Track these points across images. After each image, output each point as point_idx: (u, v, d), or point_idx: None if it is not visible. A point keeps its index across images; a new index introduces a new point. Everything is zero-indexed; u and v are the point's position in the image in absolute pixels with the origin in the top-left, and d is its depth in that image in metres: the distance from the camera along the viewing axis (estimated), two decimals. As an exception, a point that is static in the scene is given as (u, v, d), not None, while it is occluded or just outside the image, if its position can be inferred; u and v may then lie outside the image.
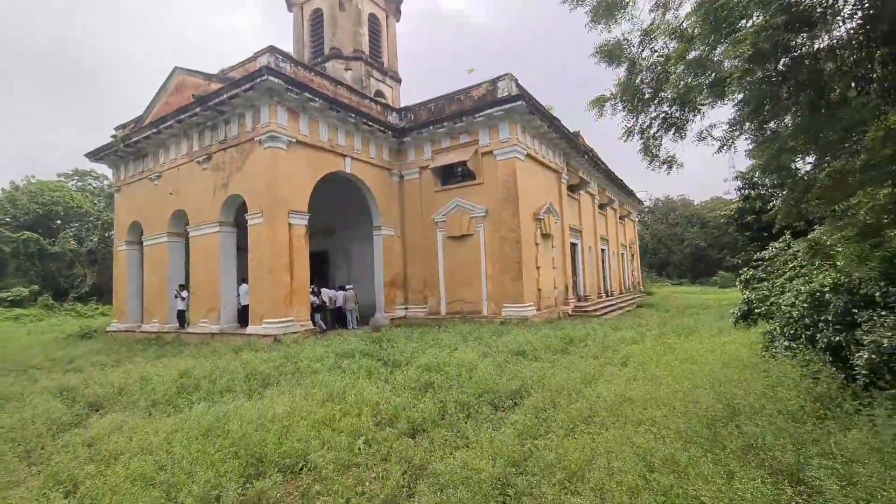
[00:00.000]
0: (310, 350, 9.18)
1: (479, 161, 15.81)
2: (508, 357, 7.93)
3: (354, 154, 15.50)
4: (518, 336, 9.97)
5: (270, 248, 12.48)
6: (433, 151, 16.85)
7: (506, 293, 14.96)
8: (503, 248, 15.11)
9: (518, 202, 14.99)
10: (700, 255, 48.00)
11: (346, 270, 19.83)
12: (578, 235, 21.30)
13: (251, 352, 9.56)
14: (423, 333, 11.50)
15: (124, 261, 17.50)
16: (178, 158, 15.33)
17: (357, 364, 7.64)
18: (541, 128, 16.41)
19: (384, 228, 16.65)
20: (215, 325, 13.71)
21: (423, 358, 7.66)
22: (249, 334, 12.52)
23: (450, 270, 16.26)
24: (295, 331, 12.41)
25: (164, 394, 6.11)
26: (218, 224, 13.91)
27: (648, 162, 6.01)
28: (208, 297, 14.00)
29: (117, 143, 16.51)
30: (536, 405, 5.08)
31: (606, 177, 25.47)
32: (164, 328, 15.33)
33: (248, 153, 13.25)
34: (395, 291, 16.78)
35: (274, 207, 12.58)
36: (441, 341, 9.78)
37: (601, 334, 10.47)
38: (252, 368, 7.41)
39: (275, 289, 12.38)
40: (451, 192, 16.41)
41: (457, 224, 16.03)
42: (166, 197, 15.64)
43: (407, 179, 17.46)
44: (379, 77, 21.81)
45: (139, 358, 10.18)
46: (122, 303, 17.46)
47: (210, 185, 14.20)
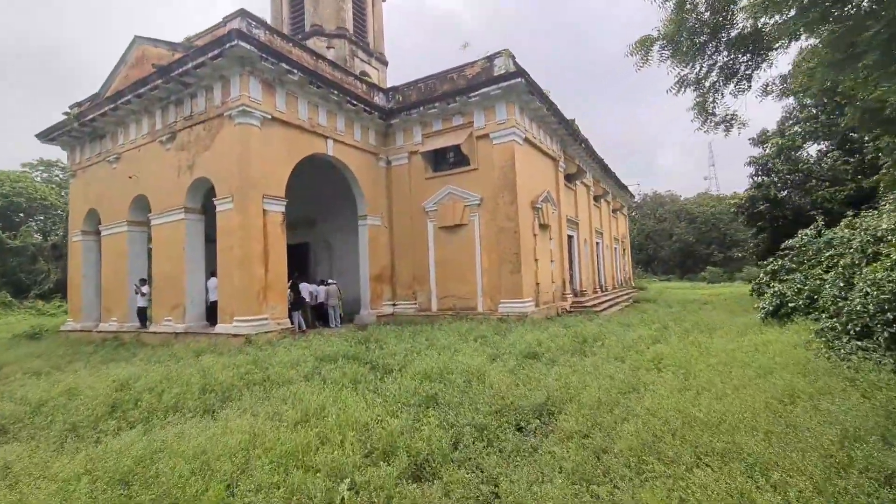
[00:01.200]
0: (285, 353, 7.86)
1: (474, 145, 14.58)
2: (520, 360, 6.75)
3: (337, 136, 14.11)
4: (524, 335, 8.81)
5: (242, 237, 11.05)
6: (423, 135, 15.55)
7: (503, 288, 13.80)
8: (500, 239, 13.94)
9: (516, 189, 13.82)
10: (688, 251, 47.73)
11: (329, 264, 18.39)
12: (575, 227, 20.30)
13: (215, 355, 8.18)
14: (416, 332, 10.26)
15: (80, 253, 15.78)
16: (139, 138, 13.71)
17: (340, 371, 6.36)
18: (539, 110, 15.26)
19: (370, 218, 15.32)
20: (180, 323, 12.21)
21: (419, 362, 6.43)
22: (218, 334, 11.09)
23: (441, 263, 15.02)
24: (269, 330, 11.02)
25: (89, 414, 4.74)
26: (183, 210, 12.39)
27: (703, 122, 4.88)
28: (172, 292, 12.48)
29: (70, 121, 14.78)
30: (575, 428, 3.90)
31: (601, 168, 24.53)
32: (124, 327, 13.73)
33: (216, 130, 11.77)
34: (381, 286, 15.47)
35: (246, 191, 11.15)
36: (437, 342, 8.55)
37: (614, 332, 9.38)
38: (211, 377, 6.07)
39: (247, 283, 10.97)
40: (444, 179, 15.15)
41: (449, 213, 14.79)
42: (126, 181, 14.01)
43: (395, 165, 16.13)
44: (364, 58, 20.38)
45: (82, 363, 8.69)
46: (77, 299, 15.75)
47: (174, 166, 12.65)
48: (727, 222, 44.92)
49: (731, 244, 44.59)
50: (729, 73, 4.62)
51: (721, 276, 41.33)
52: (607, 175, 26.32)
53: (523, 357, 7.03)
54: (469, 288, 14.46)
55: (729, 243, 44.78)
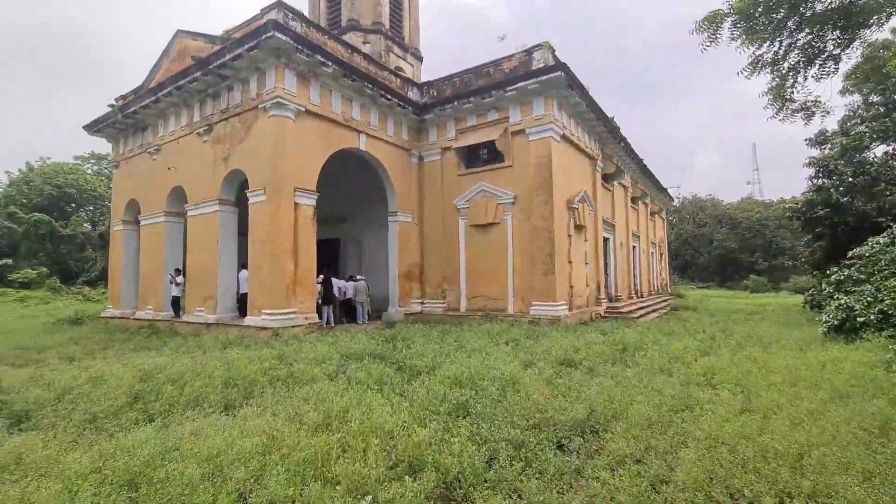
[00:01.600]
0: (311, 348, 7.66)
1: (509, 141, 14.12)
2: (556, 368, 6.29)
3: (370, 130, 13.94)
4: (559, 340, 8.31)
5: (272, 230, 11.01)
6: (457, 130, 15.20)
7: (535, 289, 13.28)
8: (533, 239, 13.43)
9: (552, 188, 13.28)
10: (729, 258, 45.47)
11: (358, 260, 18.33)
12: (611, 230, 19.49)
13: (241, 348, 8.08)
14: (444, 333, 9.92)
15: (121, 242, 16.26)
16: (178, 130, 13.95)
17: (366, 370, 6.08)
18: (578, 106, 14.64)
19: (400, 215, 15.09)
20: (211, 314, 12.32)
21: (449, 366, 6.07)
22: (247, 326, 11.09)
23: (472, 262, 14.64)
24: (297, 324, 10.93)
25: (110, 405, 4.63)
26: (217, 202, 12.49)
27: (778, 109, 4.29)
28: (205, 283, 12.62)
29: (114, 113, 15.22)
30: (625, 450, 3.45)
31: (640, 169, 23.53)
32: (159, 316, 14.02)
33: (251, 123, 11.78)
34: (410, 284, 15.22)
35: (278, 184, 11.10)
36: (467, 343, 8.17)
37: (656, 341, 8.75)
38: (235, 371, 5.91)
39: (276, 277, 10.92)
40: (476, 176, 14.75)
41: (481, 211, 14.38)
42: (164, 172, 14.30)
43: (427, 161, 15.85)
44: (399, 53, 20.21)
45: (114, 350, 8.79)
46: (117, 287, 16.24)
47: (210, 159, 12.79)
48: (773, 229, 42.56)
49: (777, 252, 42.21)
50: (812, 53, 4.05)
51: (765, 286, 39.17)
52: (646, 176, 25.25)
53: (559, 364, 6.56)
54: (500, 289, 14.01)
55: (774, 251, 42.40)
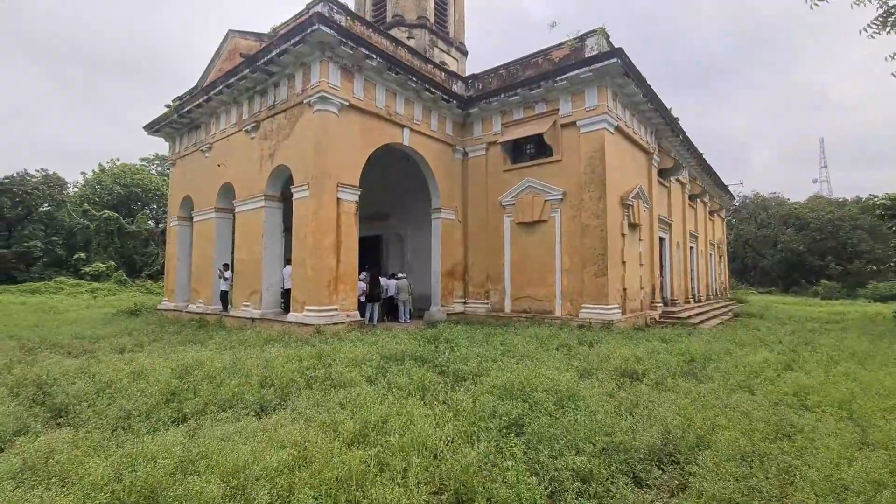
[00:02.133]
0: (350, 347, 7.38)
1: (558, 134, 13.38)
2: (617, 380, 5.64)
3: (414, 125, 13.63)
4: (616, 347, 7.59)
5: (315, 226, 10.90)
6: (503, 124, 14.61)
7: (585, 291, 12.49)
8: (584, 238, 12.63)
9: (605, 183, 12.42)
10: (795, 262, 41.87)
11: (400, 258, 18.13)
12: (667, 229, 18.22)
13: (282, 345, 7.93)
14: (489, 335, 9.40)
15: (175, 237, 16.89)
16: (228, 128, 14.23)
17: (407, 374, 5.69)
18: (634, 96, 13.66)
19: (444, 211, 14.70)
20: (257, 309, 12.44)
21: (497, 373, 5.56)
22: (289, 322, 11.06)
23: (518, 262, 14.01)
24: (339, 321, 10.77)
25: (146, 401, 4.48)
26: (263, 198, 12.59)
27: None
28: (251, 278, 12.76)
29: (171, 113, 15.79)
30: (720, 492, 2.81)
31: (699, 164, 21.90)
32: (208, 310, 14.38)
33: (296, 119, 11.76)
34: (453, 283, 14.80)
35: (321, 179, 10.98)
36: (514, 348, 7.61)
37: (727, 352, 7.83)
38: (272, 370, 5.68)
39: (318, 273, 10.80)
40: (523, 171, 14.11)
41: (528, 208, 13.73)
42: (215, 169, 14.65)
43: (472, 157, 15.36)
44: (444, 48, 19.83)
45: (163, 343, 8.91)
46: (171, 281, 16.88)
47: (257, 155, 12.92)
48: (848, 230, 38.77)
49: (853, 255, 38.43)
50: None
51: (838, 292, 35.72)
52: (705, 172, 23.53)
53: (620, 376, 5.89)
54: (547, 289, 13.31)
55: (850, 254, 38.63)
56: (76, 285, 34.38)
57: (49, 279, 35.80)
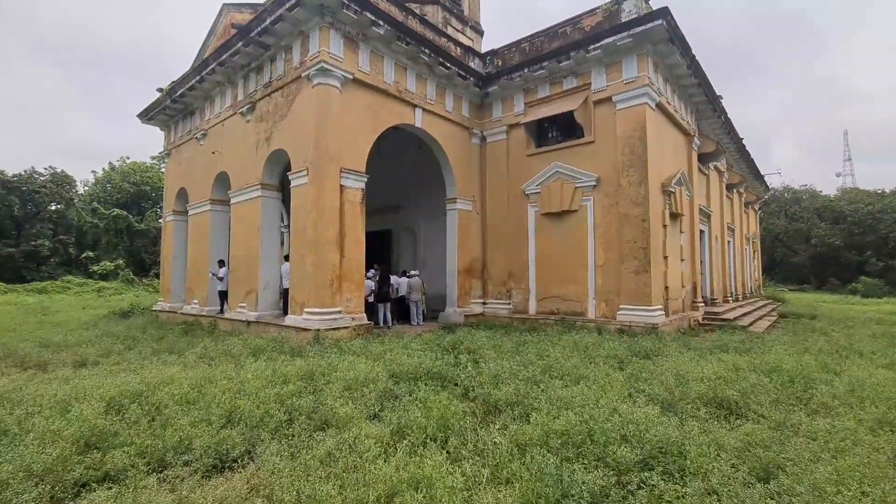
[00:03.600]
0: (351, 362, 5.96)
1: (591, 112, 11.79)
2: (707, 410, 4.12)
3: (427, 104, 12.17)
4: (682, 361, 6.04)
5: (315, 216, 9.52)
6: (526, 104, 13.06)
7: (624, 290, 10.92)
8: (622, 229, 11.05)
9: (647, 166, 10.83)
10: (829, 257, 39.44)
11: (412, 254, 16.70)
12: (706, 221, 16.49)
13: (271, 357, 6.54)
14: (518, 343, 7.91)
15: (171, 233, 15.71)
16: (223, 112, 12.94)
17: (421, 402, 4.25)
18: (677, 67, 12.00)
19: (460, 202, 13.22)
20: (252, 311, 11.13)
21: (544, 403, 4.08)
22: (287, 326, 9.72)
23: (543, 257, 12.48)
24: (342, 325, 9.39)
25: (54, 452, 3.10)
26: (259, 187, 11.26)
27: None
28: (247, 277, 11.46)
29: (163, 98, 14.57)
30: None
31: (738, 150, 20.02)
32: (203, 311, 13.14)
33: (294, 96, 10.39)
34: (471, 281, 13.33)
35: (321, 163, 9.59)
36: (556, 363, 6.10)
37: (824, 367, 6.22)
38: (246, 398, 4.28)
39: (318, 270, 9.43)
40: (550, 156, 12.55)
41: (556, 197, 12.18)
42: (210, 158, 13.39)
43: (490, 142, 13.84)
44: (458, 26, 18.28)
45: (137, 351, 7.61)
46: (167, 279, 15.70)
47: (253, 139, 11.59)
48: (890, 223, 36.30)
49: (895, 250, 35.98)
50: None
51: (880, 290, 33.39)
52: (743, 160, 21.62)
53: (710, 406, 4.36)
54: (578, 288, 11.76)
55: (892, 249, 36.17)
56: (83, 284, 33.74)
57: (57, 279, 35.27)
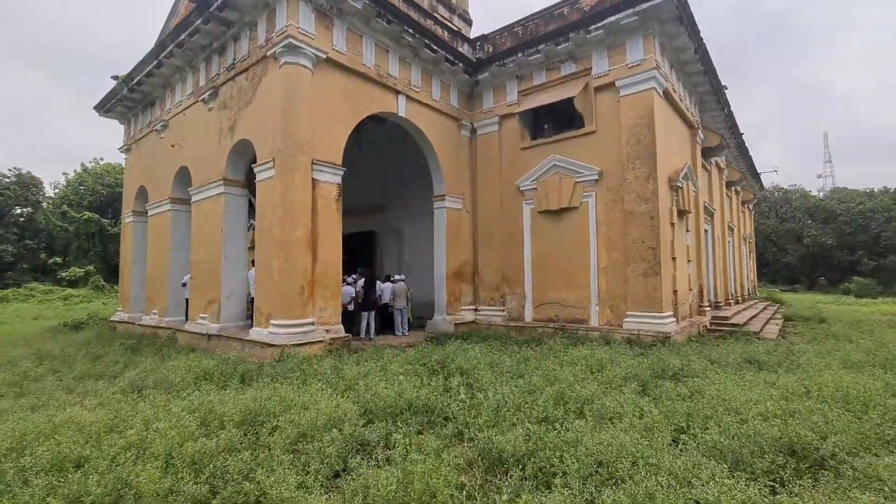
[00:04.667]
0: (315, 394, 4.73)
1: (591, 100, 10.75)
2: (786, 464, 3.00)
3: (411, 91, 11.01)
4: (721, 385, 4.93)
5: (283, 214, 8.27)
6: (520, 92, 11.98)
7: (631, 295, 9.86)
8: (628, 228, 10.00)
9: (656, 159, 9.80)
10: (821, 257, 39.20)
11: (397, 257, 15.49)
12: (709, 219, 15.57)
13: (217, 387, 5.27)
14: (520, 360, 6.75)
15: (131, 236, 14.26)
16: (185, 100, 11.61)
17: (400, 460, 3.05)
18: (684, 51, 11.03)
19: (448, 199, 12.06)
20: (215, 322, 9.80)
21: (574, 465, 2.92)
22: (250, 341, 8.43)
23: (541, 259, 11.38)
24: (314, 340, 8.14)
25: None
26: (222, 182, 9.96)
27: None
28: (209, 284, 10.14)
29: (119, 87, 13.17)
30: None
31: (738, 146, 19.24)
32: (163, 322, 11.75)
33: (259, 78, 9.14)
34: (461, 286, 12.16)
35: (290, 153, 8.35)
36: (568, 387, 4.93)
37: (885, 388, 5.17)
38: (154, 461, 3.04)
39: (287, 275, 8.17)
40: (546, 148, 11.47)
41: (554, 192, 11.10)
42: (170, 152, 12.03)
43: (481, 134, 12.72)
44: (445, 14, 17.16)
45: (56, 378, 6.27)
46: (126, 287, 14.24)
47: (215, 130, 10.30)
48: (882, 222, 36.10)
49: (887, 250, 35.76)
50: None
51: (873, 290, 33.05)
52: (742, 156, 20.85)
53: (782, 453, 3.25)
54: (579, 293, 10.68)
55: (883, 249, 35.94)
56: (49, 292, 31.74)
57: (21, 286, 33.20)
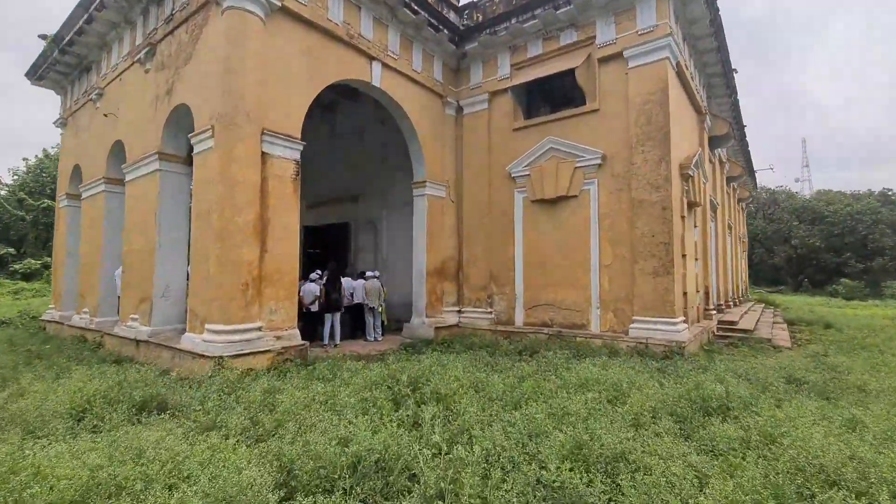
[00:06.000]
0: (214, 451, 3.21)
1: (595, 73, 9.37)
2: None
3: (388, 58, 9.48)
4: (801, 432, 3.58)
5: (223, 195, 6.68)
6: (513, 65, 10.54)
7: (638, 297, 8.53)
8: (636, 219, 8.67)
9: (669, 140, 8.48)
10: (808, 259, 38.91)
11: (373, 252, 13.91)
12: (713, 215, 14.42)
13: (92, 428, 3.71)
14: (515, 381, 5.29)
15: (65, 222, 12.39)
16: (122, 62, 9.87)
17: None
18: (698, 23, 9.75)
19: (430, 186, 10.58)
20: (146, 325, 8.15)
21: None
22: (181, 351, 6.83)
23: (534, 255, 9.99)
24: (259, 349, 6.59)
25: None
26: (157, 157, 8.30)
27: None
28: (141, 278, 8.48)
29: (49, 47, 11.30)
30: None
31: (740, 139, 18.17)
32: (93, 322, 10.00)
33: (200, 30, 7.50)
34: (443, 285, 10.71)
35: (232, 119, 6.76)
36: (585, 432, 3.52)
37: None
38: None
39: (226, 270, 6.59)
40: (542, 129, 10.06)
41: (550, 179, 9.71)
42: (104, 124, 10.27)
43: (469, 113, 11.26)
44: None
45: None
46: (59, 281, 12.39)
47: (152, 95, 8.62)
48: (869, 224, 35.86)
49: (874, 252, 35.53)
50: None
51: (861, 292, 32.73)
52: (741, 151, 19.83)
53: None
54: (577, 294, 9.32)
55: (871, 251, 35.71)
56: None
57: (-33, 278, 30.59)
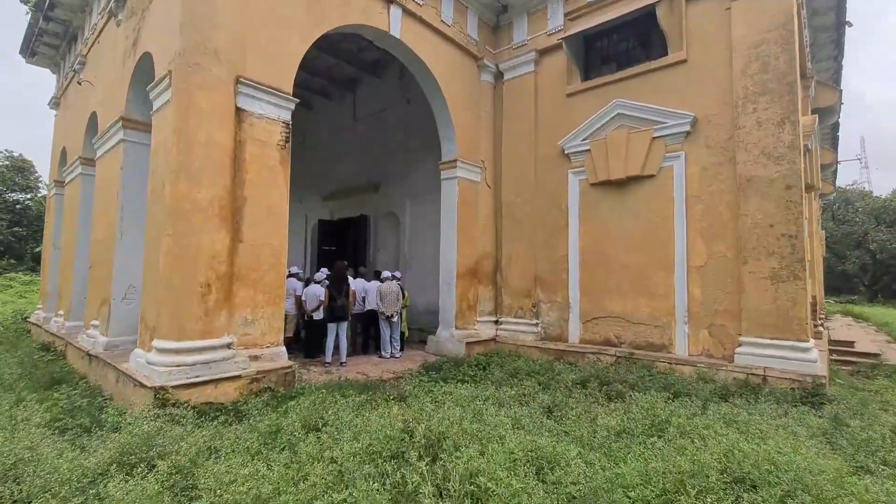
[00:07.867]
0: None
1: (681, 13, 7.09)
2: None
3: (411, 2, 7.53)
4: None
5: (178, 161, 4.87)
6: (567, 14, 8.38)
7: (749, 311, 6.18)
8: (746, 204, 6.33)
9: (795, 92, 6.12)
10: (890, 266, 34.36)
11: (395, 249, 11.91)
12: (808, 208, 11.68)
13: None
14: (599, 447, 3.14)
15: (53, 212, 11.11)
16: (99, 20, 8.37)
17: None
18: (822, -56, 7.30)
19: (462, 167, 8.54)
20: (104, 335, 6.49)
21: None
22: (124, 373, 5.05)
23: (594, 254, 7.75)
24: (226, 374, 4.73)
25: None
26: (120, 125, 6.65)
27: None
28: (103, 276, 6.85)
29: (35, 16, 10.00)
30: None
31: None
32: (65, 327, 8.52)
33: (166, -46, 5.78)
34: (477, 289, 8.62)
35: (193, 59, 4.95)
36: None
37: None
38: None
39: (180, 264, 4.78)
40: (606, 91, 7.83)
41: (617, 155, 7.47)
42: (83, 94, 8.83)
43: (510, 78, 9.16)
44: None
45: None
46: (45, 279, 11.12)
47: (121, 50, 7.02)
48: (967, 226, 31.14)
49: None
50: None
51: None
52: (832, 133, 16.76)
53: None
54: (655, 305, 7.03)
55: None
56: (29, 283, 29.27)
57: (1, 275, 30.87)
